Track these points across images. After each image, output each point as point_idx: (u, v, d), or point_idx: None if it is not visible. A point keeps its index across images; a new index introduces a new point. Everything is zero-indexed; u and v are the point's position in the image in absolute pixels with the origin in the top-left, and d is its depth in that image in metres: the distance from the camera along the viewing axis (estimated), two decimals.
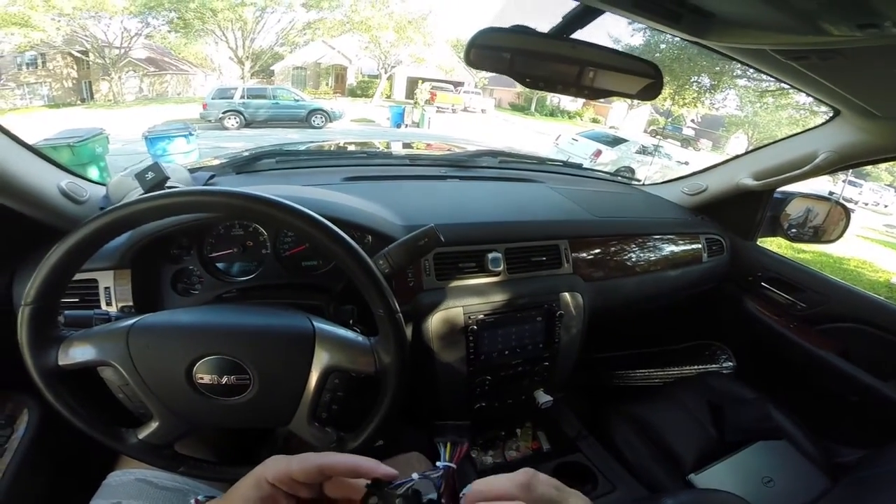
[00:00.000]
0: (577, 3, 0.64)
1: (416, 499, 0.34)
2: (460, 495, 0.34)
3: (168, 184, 0.71)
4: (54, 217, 0.82)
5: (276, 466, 0.37)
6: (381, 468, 0.36)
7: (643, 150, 9.40)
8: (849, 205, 1.42)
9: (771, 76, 0.81)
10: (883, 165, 15.69)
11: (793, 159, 1.20)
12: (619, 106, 23.64)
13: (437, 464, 0.41)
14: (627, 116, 21.79)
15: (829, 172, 1.19)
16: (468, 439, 0.49)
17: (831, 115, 1.07)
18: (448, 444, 0.47)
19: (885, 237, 10.65)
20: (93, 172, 5.03)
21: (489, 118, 19.57)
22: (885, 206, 16.97)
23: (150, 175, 0.68)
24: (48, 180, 0.82)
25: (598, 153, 8.77)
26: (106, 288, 0.76)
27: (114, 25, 15.90)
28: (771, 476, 1.03)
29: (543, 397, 1.08)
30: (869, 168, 17.47)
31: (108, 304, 0.76)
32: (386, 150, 1.76)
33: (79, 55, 16.13)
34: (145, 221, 0.55)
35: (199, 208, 0.54)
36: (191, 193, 0.53)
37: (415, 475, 0.36)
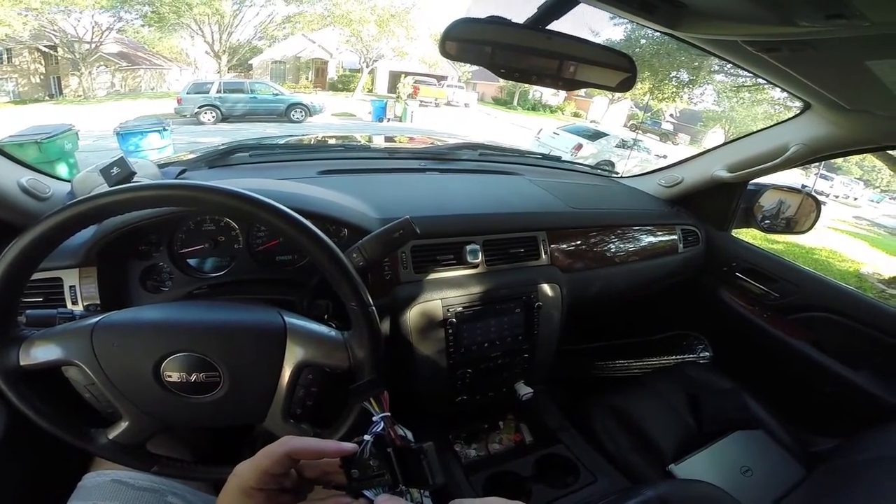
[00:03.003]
0: None
1: (384, 456, 0.39)
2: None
3: (135, 179, 0.69)
4: (15, 214, 0.79)
5: (251, 471, 0.38)
6: (344, 446, 0.39)
7: (623, 144, 9.54)
8: (820, 197, 1.46)
9: (744, 69, 0.82)
10: (853, 159, 16.22)
11: (765, 152, 1.22)
12: (599, 100, 23.88)
13: (374, 418, 0.45)
14: (608, 111, 22.04)
15: (800, 165, 1.21)
16: (384, 387, 0.53)
17: (802, 108, 1.09)
18: (372, 400, 0.50)
19: (854, 229, 11.04)
20: (62, 169, 4.88)
21: (472, 112, 19.57)
22: (855, 199, 17.62)
23: (115, 170, 0.67)
24: (8, 177, 0.80)
25: (579, 147, 8.87)
26: (71, 286, 0.74)
27: (84, 20, 15.34)
28: (749, 465, 1.05)
29: (524, 389, 1.08)
30: (840, 162, 18.07)
31: (74, 302, 0.74)
32: (364, 144, 1.74)
33: (47, 50, 15.49)
34: (106, 217, 0.53)
35: (161, 202, 0.53)
36: (153, 187, 0.52)
37: (366, 437, 0.40)
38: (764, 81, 0.91)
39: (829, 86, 0.85)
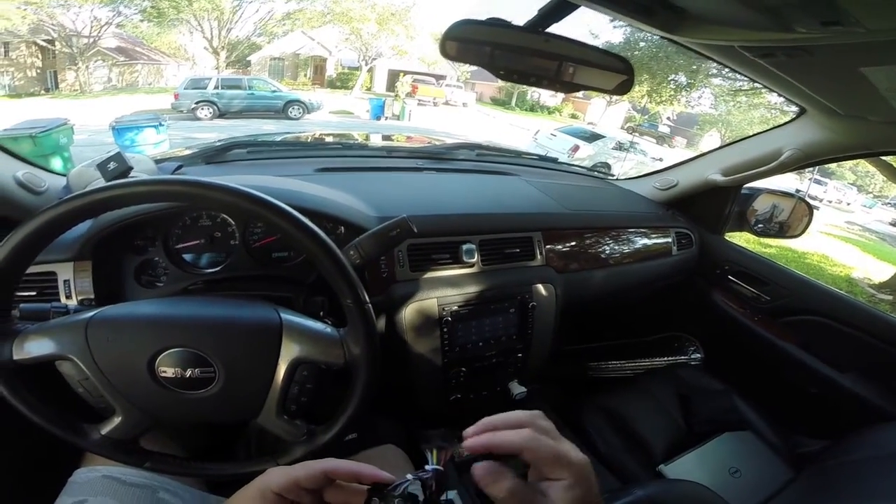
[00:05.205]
0: None
1: (412, 499, 0.37)
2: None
3: (132, 174, 0.69)
4: (10, 208, 0.79)
5: (281, 476, 0.39)
6: (381, 473, 0.39)
7: (620, 147, 9.57)
8: (814, 202, 1.47)
9: (740, 73, 0.83)
10: (847, 164, 16.35)
11: (759, 156, 1.23)
12: (597, 102, 23.91)
13: (427, 467, 0.43)
14: (605, 113, 22.05)
15: (793, 170, 1.22)
16: (452, 446, 0.52)
17: (797, 113, 1.10)
18: (434, 450, 0.49)
19: (847, 234, 11.09)
20: (56, 163, 4.85)
21: (470, 112, 19.59)
22: (848, 204, 17.73)
23: (112, 165, 0.67)
24: (3, 171, 0.80)
25: (576, 148, 8.89)
26: (65, 280, 0.73)
27: (83, 14, 15.27)
28: (737, 466, 1.06)
29: (517, 389, 1.09)
30: (833, 167, 18.17)
31: (68, 296, 0.73)
32: (362, 142, 1.74)
33: (44, 44, 15.39)
34: (103, 212, 0.53)
35: (159, 198, 0.52)
36: (151, 183, 0.51)
37: (409, 475, 0.39)
38: (760, 86, 0.91)
39: (824, 91, 0.86)
